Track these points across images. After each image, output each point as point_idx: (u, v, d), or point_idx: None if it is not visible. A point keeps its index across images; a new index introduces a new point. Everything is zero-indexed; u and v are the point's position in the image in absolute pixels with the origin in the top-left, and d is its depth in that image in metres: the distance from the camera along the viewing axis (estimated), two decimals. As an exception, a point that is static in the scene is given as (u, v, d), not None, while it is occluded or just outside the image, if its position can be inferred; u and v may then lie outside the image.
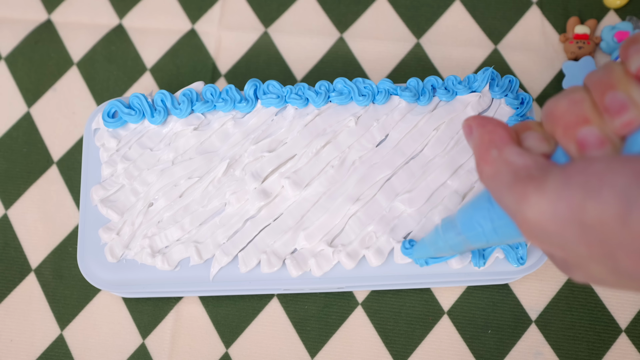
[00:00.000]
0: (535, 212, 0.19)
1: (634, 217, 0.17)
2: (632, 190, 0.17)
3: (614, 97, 0.19)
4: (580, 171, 0.18)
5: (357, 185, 0.40)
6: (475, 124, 0.23)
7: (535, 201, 0.19)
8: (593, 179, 0.18)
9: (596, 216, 0.18)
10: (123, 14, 0.52)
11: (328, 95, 0.41)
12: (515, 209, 0.20)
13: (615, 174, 0.17)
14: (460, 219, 0.27)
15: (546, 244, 0.20)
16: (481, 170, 0.22)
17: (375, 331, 0.43)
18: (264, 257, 0.39)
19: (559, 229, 0.19)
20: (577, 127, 0.20)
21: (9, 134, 0.49)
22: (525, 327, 0.43)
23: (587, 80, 0.21)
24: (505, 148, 0.22)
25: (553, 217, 0.19)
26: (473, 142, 0.23)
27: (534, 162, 0.20)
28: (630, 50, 0.19)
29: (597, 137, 0.20)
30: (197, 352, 0.43)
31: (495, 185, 0.21)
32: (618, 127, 0.19)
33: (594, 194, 0.18)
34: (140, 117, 0.41)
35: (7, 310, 0.45)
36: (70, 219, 0.47)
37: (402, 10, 0.51)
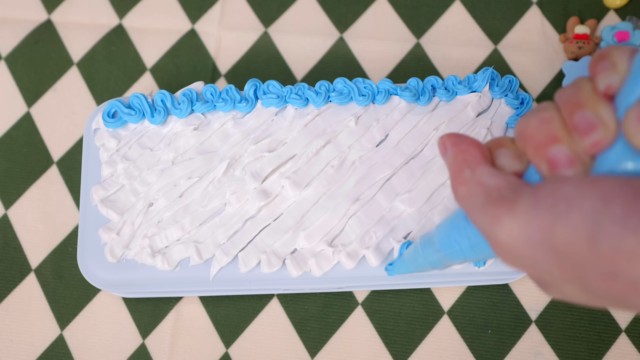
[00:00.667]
0: (507, 234, 0.19)
1: (602, 241, 0.17)
2: (599, 215, 0.17)
3: (582, 116, 0.19)
4: (549, 194, 0.18)
5: (357, 185, 0.40)
6: (449, 142, 0.23)
7: (506, 223, 0.19)
8: (562, 202, 0.18)
9: (565, 239, 0.18)
10: (123, 14, 0.52)
11: (328, 95, 0.41)
12: (488, 230, 0.20)
13: (583, 198, 0.17)
14: (438, 236, 0.27)
15: (519, 265, 0.20)
16: (455, 190, 0.22)
17: (375, 331, 0.43)
18: (264, 257, 0.39)
19: (530, 251, 0.19)
20: (547, 146, 0.20)
21: (9, 134, 0.49)
22: (525, 327, 0.43)
23: (557, 98, 0.21)
24: (477, 168, 0.22)
25: (524, 240, 0.19)
26: (447, 161, 0.23)
27: (505, 182, 0.20)
28: (598, 68, 0.19)
29: (567, 157, 0.19)
30: (197, 352, 0.43)
31: (468, 206, 0.21)
32: (587, 147, 0.19)
33: (562, 218, 0.18)
34: (140, 117, 0.41)
35: (7, 310, 0.45)
36: (70, 219, 0.47)
37: (402, 10, 0.51)
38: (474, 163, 0.22)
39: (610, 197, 0.17)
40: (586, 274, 0.18)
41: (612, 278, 0.17)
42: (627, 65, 0.18)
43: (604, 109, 0.19)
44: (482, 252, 0.24)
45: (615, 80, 0.19)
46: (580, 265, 0.18)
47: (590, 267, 0.18)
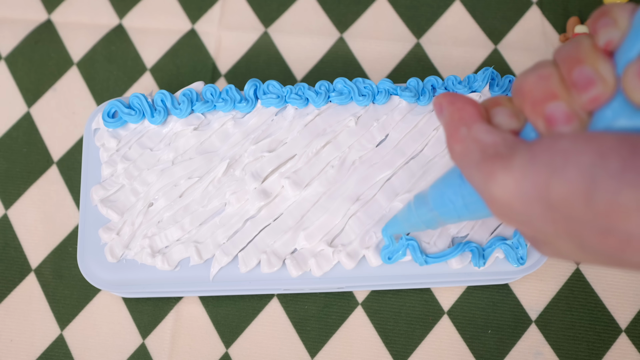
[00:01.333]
0: (502, 190, 0.19)
1: (598, 196, 0.17)
2: (596, 169, 0.17)
3: (581, 72, 0.19)
4: (545, 149, 0.18)
5: (357, 185, 0.40)
6: (445, 101, 0.23)
7: (501, 179, 0.19)
8: (558, 157, 0.18)
9: (561, 195, 0.18)
10: (123, 14, 0.52)
11: (328, 95, 0.41)
12: (483, 187, 0.20)
13: (580, 153, 0.17)
14: (432, 195, 0.27)
15: (513, 221, 0.20)
16: (451, 148, 0.22)
17: (375, 331, 0.43)
18: (264, 257, 0.39)
19: (525, 207, 0.19)
20: (544, 102, 0.20)
21: (9, 134, 0.49)
22: (525, 327, 0.43)
23: (556, 55, 0.21)
24: (474, 125, 0.22)
25: (519, 195, 0.19)
26: (443, 119, 0.23)
27: (502, 139, 0.20)
28: (598, 24, 0.19)
29: (565, 113, 0.19)
30: (197, 352, 0.43)
31: (464, 163, 0.21)
32: (585, 103, 0.19)
33: (558, 173, 0.18)
34: (140, 117, 0.41)
35: (7, 310, 0.45)
36: (70, 219, 0.47)
37: (402, 10, 0.51)
38: (470, 120, 0.22)
39: (607, 152, 0.17)
40: (581, 230, 0.18)
41: (607, 233, 0.17)
42: (628, 22, 0.18)
43: (603, 65, 0.19)
44: (477, 211, 0.24)
45: (615, 36, 0.18)
46: (576, 221, 0.18)
47: (585, 222, 0.18)
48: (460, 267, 0.38)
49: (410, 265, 0.38)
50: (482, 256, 0.38)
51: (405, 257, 0.38)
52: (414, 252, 0.38)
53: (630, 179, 0.16)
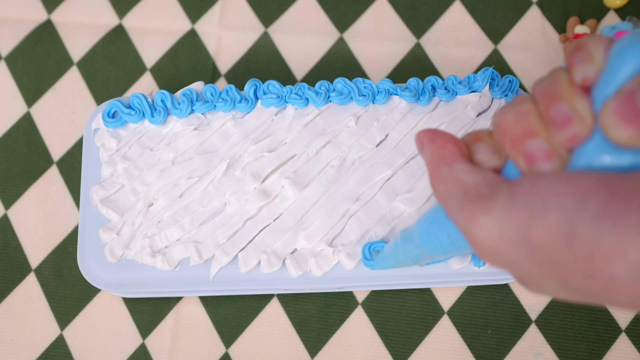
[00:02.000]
0: (484, 233, 0.19)
1: (579, 240, 0.17)
2: (576, 213, 0.17)
3: (558, 109, 0.19)
4: (525, 191, 0.18)
5: (357, 185, 0.40)
6: (426, 138, 0.23)
7: (483, 222, 0.19)
8: (538, 200, 0.18)
9: (542, 238, 0.17)
10: (123, 14, 0.52)
11: (328, 95, 0.41)
12: (466, 228, 0.20)
13: (559, 195, 0.17)
14: (417, 231, 0.26)
15: (498, 263, 0.20)
16: (434, 188, 0.22)
17: (375, 331, 0.43)
18: (264, 257, 0.39)
19: (508, 250, 0.19)
20: (524, 140, 0.20)
21: (9, 134, 0.49)
22: (525, 327, 0.43)
23: (534, 89, 0.20)
24: (455, 165, 0.21)
25: (501, 239, 0.19)
26: (425, 157, 0.23)
27: (483, 179, 0.20)
28: (574, 59, 0.19)
29: (544, 151, 0.19)
30: (197, 352, 0.43)
31: (447, 204, 0.21)
32: (564, 141, 0.19)
33: (539, 216, 0.17)
34: (140, 117, 0.41)
35: (7, 310, 0.45)
36: (70, 219, 0.47)
37: (402, 10, 0.51)
38: (451, 160, 0.22)
39: (587, 195, 0.17)
40: (565, 273, 0.18)
41: (591, 276, 0.17)
42: (604, 56, 0.18)
43: (580, 102, 0.18)
44: (463, 247, 0.24)
45: (591, 72, 0.18)
46: (558, 264, 0.18)
47: (568, 265, 0.17)
48: (460, 267, 0.38)
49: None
50: (482, 256, 0.38)
51: None
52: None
53: (609, 223, 0.16)
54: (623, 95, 0.17)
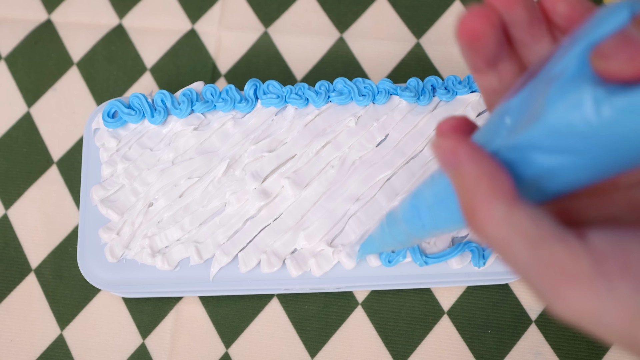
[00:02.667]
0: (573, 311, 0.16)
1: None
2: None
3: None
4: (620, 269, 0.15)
5: (357, 185, 0.40)
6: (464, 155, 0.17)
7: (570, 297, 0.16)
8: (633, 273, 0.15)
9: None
10: (123, 14, 0.52)
11: (328, 95, 0.41)
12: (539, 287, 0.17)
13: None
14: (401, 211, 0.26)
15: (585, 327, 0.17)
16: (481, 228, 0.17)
17: (375, 331, 0.43)
18: (264, 257, 0.39)
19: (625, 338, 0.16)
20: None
21: (9, 134, 0.49)
22: (525, 327, 0.43)
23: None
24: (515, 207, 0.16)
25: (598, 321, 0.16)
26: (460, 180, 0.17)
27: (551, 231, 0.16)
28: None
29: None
30: (197, 352, 0.43)
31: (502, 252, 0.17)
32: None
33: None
34: (140, 117, 0.41)
35: (7, 310, 0.45)
36: (70, 219, 0.47)
37: (402, 10, 0.51)
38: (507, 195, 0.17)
39: None
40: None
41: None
42: None
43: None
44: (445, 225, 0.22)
45: None
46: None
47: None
48: (460, 267, 0.38)
49: (410, 265, 0.38)
50: (482, 256, 0.38)
51: (405, 259, 0.38)
52: (413, 253, 0.38)
53: None
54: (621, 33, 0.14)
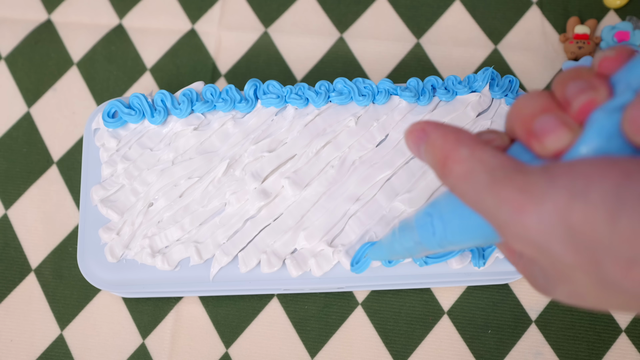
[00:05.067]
0: (518, 215, 0.18)
1: (624, 220, 0.16)
2: (622, 192, 0.16)
3: (575, 84, 0.19)
4: (565, 172, 0.18)
5: (357, 185, 0.40)
6: (431, 126, 0.22)
7: (517, 203, 0.18)
8: (580, 180, 0.17)
9: (584, 219, 0.17)
10: (123, 14, 0.52)
11: (328, 95, 0.41)
12: (495, 211, 0.19)
13: (603, 175, 0.17)
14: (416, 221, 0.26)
15: (529, 248, 0.19)
16: (449, 171, 0.20)
17: (375, 331, 0.43)
18: (264, 257, 0.39)
19: (543, 232, 0.18)
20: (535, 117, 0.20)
21: (9, 134, 0.49)
22: (525, 327, 0.43)
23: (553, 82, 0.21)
24: (476, 147, 0.20)
25: (537, 220, 0.18)
26: (431, 145, 0.21)
27: (510, 161, 0.19)
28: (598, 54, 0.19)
29: (555, 122, 0.19)
30: (197, 352, 0.43)
31: (468, 187, 0.20)
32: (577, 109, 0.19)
33: (580, 196, 0.17)
34: (140, 117, 0.41)
35: (7, 310, 0.45)
36: (70, 219, 0.47)
37: (402, 10, 0.51)
38: (470, 142, 0.20)
39: (632, 174, 0.16)
40: (603, 259, 0.17)
41: (632, 264, 0.16)
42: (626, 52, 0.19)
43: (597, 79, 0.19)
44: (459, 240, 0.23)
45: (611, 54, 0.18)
46: (598, 249, 0.17)
47: (609, 250, 0.17)
48: (460, 267, 0.38)
49: (410, 265, 0.38)
50: (482, 256, 0.38)
51: (405, 259, 0.38)
52: (414, 252, 0.38)
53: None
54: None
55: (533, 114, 0.20)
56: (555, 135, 0.19)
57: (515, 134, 0.21)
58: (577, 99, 0.19)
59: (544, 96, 0.20)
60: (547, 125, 0.19)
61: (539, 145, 0.19)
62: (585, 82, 0.19)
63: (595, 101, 0.18)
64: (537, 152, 0.20)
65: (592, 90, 0.18)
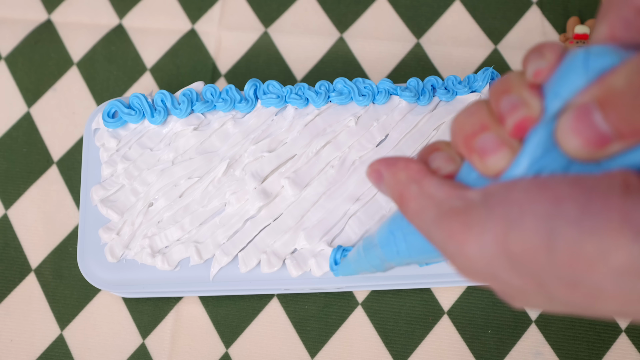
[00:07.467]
0: (462, 247, 0.18)
1: (559, 247, 0.16)
2: (553, 217, 0.16)
3: (507, 99, 0.19)
4: (500, 200, 0.18)
5: (357, 185, 0.40)
6: (383, 166, 0.22)
7: (460, 236, 0.18)
8: (513, 208, 0.17)
9: (521, 247, 0.17)
10: (123, 14, 0.52)
11: (328, 95, 0.41)
12: (443, 245, 0.19)
13: (534, 201, 0.17)
14: (379, 239, 0.26)
15: (480, 278, 0.19)
16: (405, 209, 0.21)
17: (375, 331, 0.43)
18: (264, 257, 0.39)
19: (488, 263, 0.18)
20: (475, 136, 0.19)
21: (9, 134, 0.49)
22: (525, 327, 0.43)
23: (488, 91, 0.20)
24: (423, 181, 0.20)
25: (480, 252, 0.18)
26: (387, 184, 0.22)
27: (455, 192, 0.19)
28: (529, 58, 0.19)
29: (494, 142, 0.19)
30: (197, 352, 0.43)
31: (421, 222, 0.20)
32: (512, 128, 0.19)
33: (515, 224, 0.17)
34: (140, 117, 0.41)
35: (7, 310, 0.45)
36: (70, 219, 0.47)
37: (402, 10, 0.51)
38: (419, 176, 0.21)
39: (562, 199, 0.16)
40: (547, 283, 0.17)
41: (574, 285, 0.16)
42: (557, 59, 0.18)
43: (528, 93, 0.18)
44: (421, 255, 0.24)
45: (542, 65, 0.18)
46: (540, 274, 0.17)
47: (550, 275, 0.17)
48: (460, 267, 0.38)
49: (411, 265, 0.38)
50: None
51: None
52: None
53: (589, 225, 0.15)
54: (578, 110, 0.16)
55: (473, 133, 0.20)
56: (496, 156, 0.19)
57: (459, 151, 0.21)
58: (510, 116, 0.18)
59: (483, 110, 0.20)
60: (487, 145, 0.19)
61: (482, 165, 0.19)
62: (517, 97, 0.19)
63: (529, 118, 0.18)
64: (481, 171, 0.20)
65: (524, 106, 0.18)
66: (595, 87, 0.16)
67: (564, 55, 0.18)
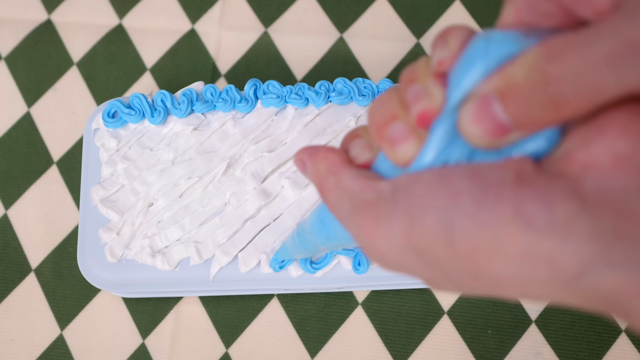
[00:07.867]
0: (372, 240, 0.19)
1: (458, 239, 0.16)
2: (451, 211, 0.16)
3: (412, 89, 0.19)
4: (405, 194, 0.18)
5: (357, 185, 0.39)
6: (305, 155, 0.22)
7: (370, 229, 0.19)
8: (416, 203, 0.17)
9: (424, 242, 0.17)
10: (123, 14, 0.52)
11: (328, 95, 0.41)
12: (357, 237, 0.20)
13: (435, 195, 0.17)
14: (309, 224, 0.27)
15: (393, 269, 0.20)
16: (326, 201, 0.21)
17: (375, 331, 0.43)
18: (264, 257, 0.39)
19: (398, 256, 0.18)
20: (386, 125, 0.20)
21: (9, 134, 0.49)
22: (525, 327, 0.43)
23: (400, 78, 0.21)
24: (340, 173, 0.21)
25: (389, 245, 0.18)
26: (310, 174, 0.22)
27: (368, 184, 0.20)
28: (434, 45, 0.19)
29: (403, 131, 0.19)
30: (197, 352, 0.43)
31: (339, 214, 0.20)
32: (415, 117, 0.19)
33: (418, 219, 0.17)
34: (140, 117, 0.41)
35: (7, 310, 0.45)
36: (70, 219, 0.47)
37: (402, 10, 0.51)
38: (336, 168, 0.21)
39: (459, 193, 0.17)
40: (453, 274, 0.18)
41: (476, 275, 0.17)
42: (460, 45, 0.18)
43: (431, 82, 0.19)
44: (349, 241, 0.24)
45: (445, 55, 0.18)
46: (445, 266, 0.17)
47: (453, 267, 0.17)
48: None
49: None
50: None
51: None
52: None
53: (484, 218, 0.16)
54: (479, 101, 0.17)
55: (384, 122, 0.20)
56: (404, 145, 0.19)
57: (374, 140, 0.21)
58: (413, 106, 0.19)
59: (394, 99, 0.20)
60: (396, 134, 0.19)
61: (392, 154, 0.20)
62: (421, 87, 0.19)
63: (431, 109, 0.18)
64: (392, 160, 0.20)
65: (427, 97, 0.18)
66: (495, 77, 0.17)
67: (467, 41, 0.18)
